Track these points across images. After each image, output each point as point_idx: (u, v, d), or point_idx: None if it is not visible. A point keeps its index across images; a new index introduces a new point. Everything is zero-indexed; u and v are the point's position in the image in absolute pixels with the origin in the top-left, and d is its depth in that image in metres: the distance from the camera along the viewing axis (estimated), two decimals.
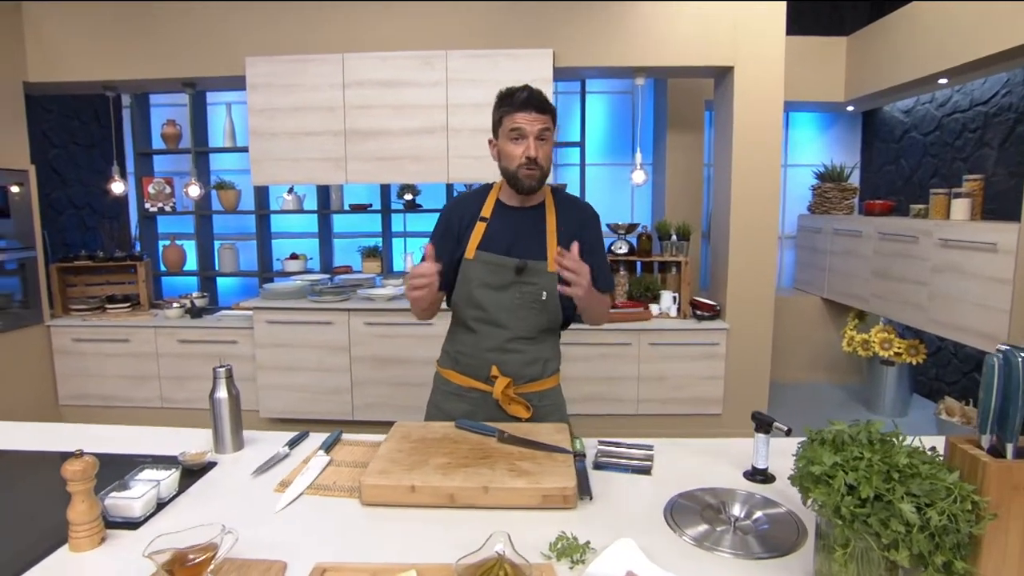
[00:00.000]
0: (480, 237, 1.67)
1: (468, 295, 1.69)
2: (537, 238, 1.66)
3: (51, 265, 4.03)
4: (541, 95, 1.59)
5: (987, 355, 0.81)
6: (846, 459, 0.81)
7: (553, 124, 1.61)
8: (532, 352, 1.70)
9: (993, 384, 0.81)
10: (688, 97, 4.47)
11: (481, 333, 1.69)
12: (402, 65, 3.54)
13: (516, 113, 1.57)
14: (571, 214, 1.71)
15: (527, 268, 1.64)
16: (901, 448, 0.83)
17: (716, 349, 3.67)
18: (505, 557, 0.99)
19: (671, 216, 4.52)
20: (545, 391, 1.75)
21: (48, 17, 3.77)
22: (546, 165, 1.61)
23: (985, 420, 0.82)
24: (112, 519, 1.19)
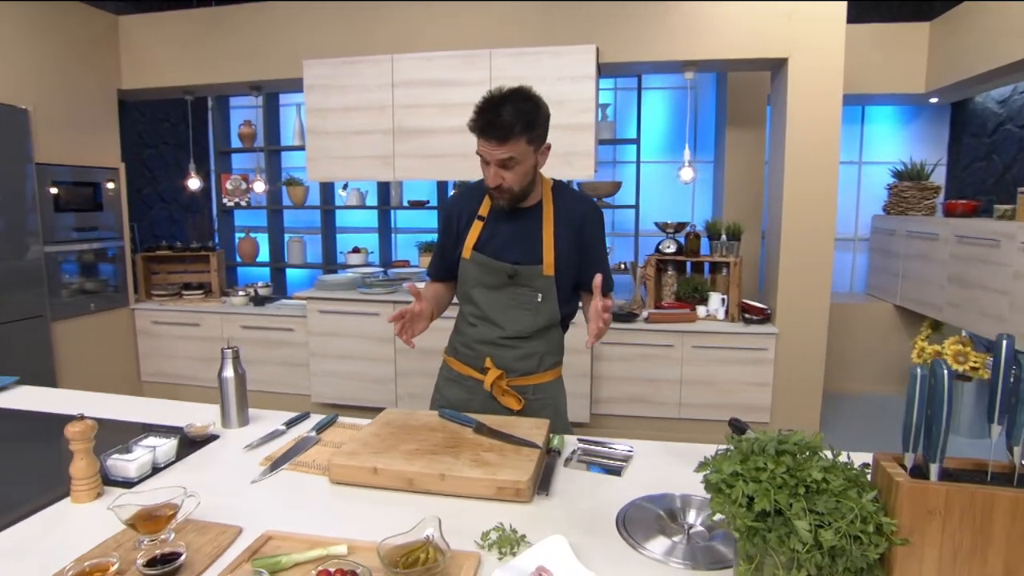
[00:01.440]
0: (476, 237, 1.66)
1: (466, 293, 1.72)
2: (533, 240, 1.63)
3: (137, 254, 4.44)
4: (501, 120, 1.44)
5: (911, 367, 0.75)
6: (748, 469, 0.77)
7: (529, 142, 1.49)
8: (527, 348, 1.69)
9: (915, 398, 0.74)
10: (748, 92, 4.28)
11: (478, 328, 1.71)
12: (447, 65, 3.62)
13: (479, 137, 1.50)
14: (570, 213, 1.65)
15: (519, 274, 1.62)
16: (817, 462, 0.79)
17: (764, 355, 3.50)
18: (432, 541, 1.02)
19: (730, 216, 4.35)
20: (541, 384, 1.73)
21: (139, 29, 4.16)
22: (517, 187, 1.54)
23: (907, 436, 0.76)
24: (113, 478, 1.33)
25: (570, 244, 1.64)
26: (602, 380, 3.73)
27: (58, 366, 3.75)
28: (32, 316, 3.59)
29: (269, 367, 4.19)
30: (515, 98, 1.48)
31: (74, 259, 3.90)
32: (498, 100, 1.47)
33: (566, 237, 1.63)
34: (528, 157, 1.52)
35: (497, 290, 1.66)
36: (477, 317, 1.71)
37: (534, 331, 1.67)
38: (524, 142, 1.48)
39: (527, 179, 1.56)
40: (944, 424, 0.72)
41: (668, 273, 3.95)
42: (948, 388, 0.72)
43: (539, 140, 1.54)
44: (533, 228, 1.63)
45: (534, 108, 1.51)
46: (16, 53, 3.50)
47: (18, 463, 1.48)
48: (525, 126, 1.47)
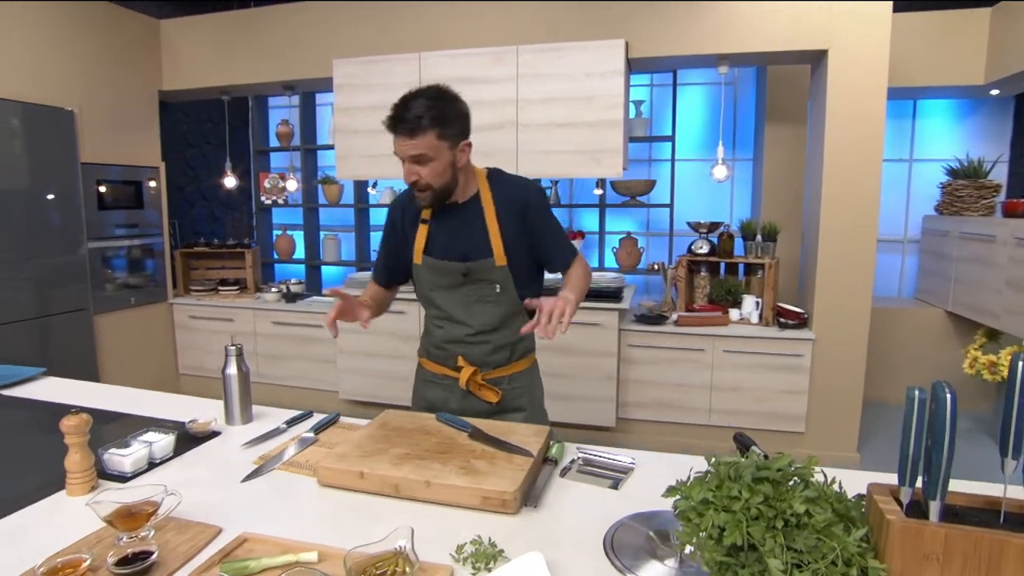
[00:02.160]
0: (424, 240, 1.67)
1: (424, 296, 1.73)
2: (479, 233, 1.63)
3: (176, 250, 4.58)
4: (409, 115, 1.45)
5: (908, 388, 0.66)
6: (720, 497, 0.70)
7: (441, 137, 1.47)
8: (496, 340, 1.69)
9: (912, 425, 0.66)
10: (788, 86, 4.10)
11: (444, 329, 1.72)
12: (474, 62, 3.59)
13: (393, 136, 1.50)
14: (510, 198, 1.64)
15: (472, 270, 1.63)
16: (801, 492, 0.71)
17: (799, 361, 3.34)
18: (402, 552, 0.98)
19: (769, 216, 4.18)
20: (514, 374, 1.74)
21: (179, 31, 4.29)
22: (436, 182, 1.53)
23: (903, 468, 0.67)
24: (109, 472, 1.34)
25: (516, 229, 1.63)
26: (629, 384, 3.63)
27: (99, 357, 3.90)
28: (76, 309, 3.74)
29: (299, 363, 4.26)
30: (427, 94, 1.49)
31: (116, 255, 4.04)
32: (409, 96, 1.48)
33: (511, 223, 1.63)
34: (442, 153, 1.50)
35: (455, 289, 1.67)
36: (441, 318, 1.72)
37: (500, 322, 1.68)
38: (435, 137, 1.47)
39: (444, 176, 1.54)
40: (946, 456, 0.63)
41: (701, 274, 3.82)
42: (951, 414, 0.64)
43: (454, 136, 1.52)
44: (476, 221, 1.63)
45: (445, 103, 1.50)
46: (63, 57, 3.65)
47: (27, 453, 1.52)
48: (434, 120, 1.45)
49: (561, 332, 1.42)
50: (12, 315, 3.42)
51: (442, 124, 1.47)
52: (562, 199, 4.78)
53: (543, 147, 3.58)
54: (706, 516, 0.68)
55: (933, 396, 0.64)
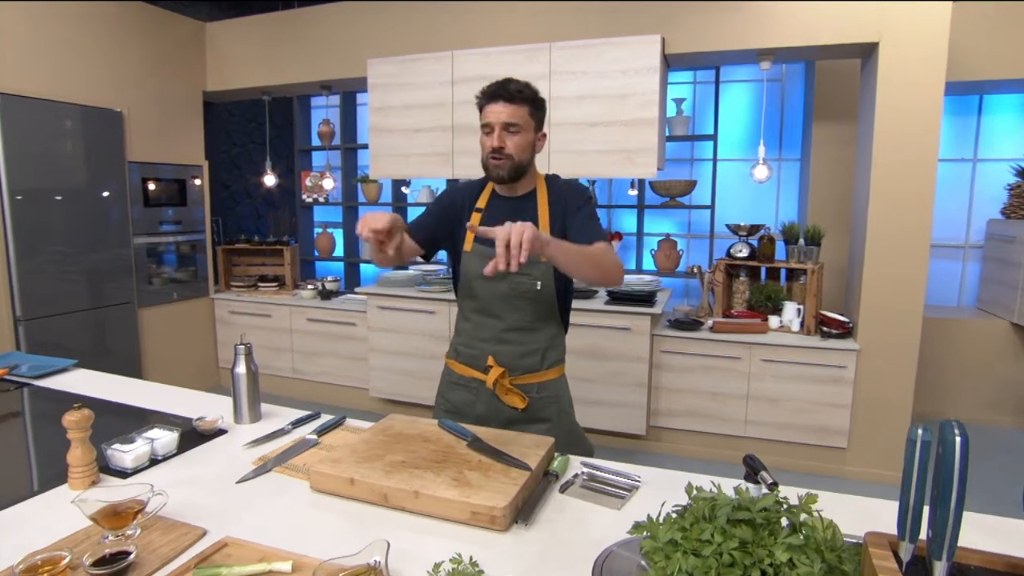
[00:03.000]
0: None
1: (467, 286, 1.73)
2: (531, 223, 1.60)
3: (218, 246, 4.71)
4: (512, 85, 1.58)
5: (910, 428, 0.57)
6: (690, 539, 0.63)
7: (532, 114, 1.60)
8: (529, 343, 1.70)
9: (914, 470, 0.57)
10: (838, 81, 3.88)
11: (477, 323, 1.73)
12: (507, 60, 3.54)
13: (487, 105, 1.60)
14: (561, 195, 1.70)
15: None
16: (786, 537, 0.63)
17: (843, 373, 3.16)
18: (376, 567, 0.94)
19: (816, 218, 3.98)
20: (544, 383, 1.73)
21: (223, 33, 4.41)
22: (517, 155, 1.60)
23: (904, 520, 0.58)
24: (112, 467, 1.36)
25: (562, 224, 1.67)
26: (661, 391, 3.52)
27: (143, 350, 4.05)
28: (122, 303, 3.89)
29: (332, 360, 4.31)
30: (519, 81, 1.61)
31: (160, 251, 4.19)
32: (507, 79, 1.61)
33: (558, 220, 1.67)
34: (528, 130, 1.60)
35: (497, 280, 1.67)
36: (476, 311, 1.73)
37: (534, 322, 1.69)
38: (528, 112, 1.58)
39: (525, 153, 1.62)
40: (952, 511, 0.54)
41: (740, 279, 3.67)
42: (961, 462, 0.54)
43: (539, 121, 1.64)
44: (529, 214, 1.67)
45: (537, 91, 1.63)
46: (114, 61, 3.80)
47: (43, 444, 1.56)
48: (530, 97, 1.59)
49: (521, 261, 1.23)
50: (66, 307, 3.58)
51: (535, 103, 1.60)
52: (600, 199, 4.68)
53: (576, 147, 3.51)
54: (673, 560, 0.61)
55: (941, 437, 0.55)
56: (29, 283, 3.38)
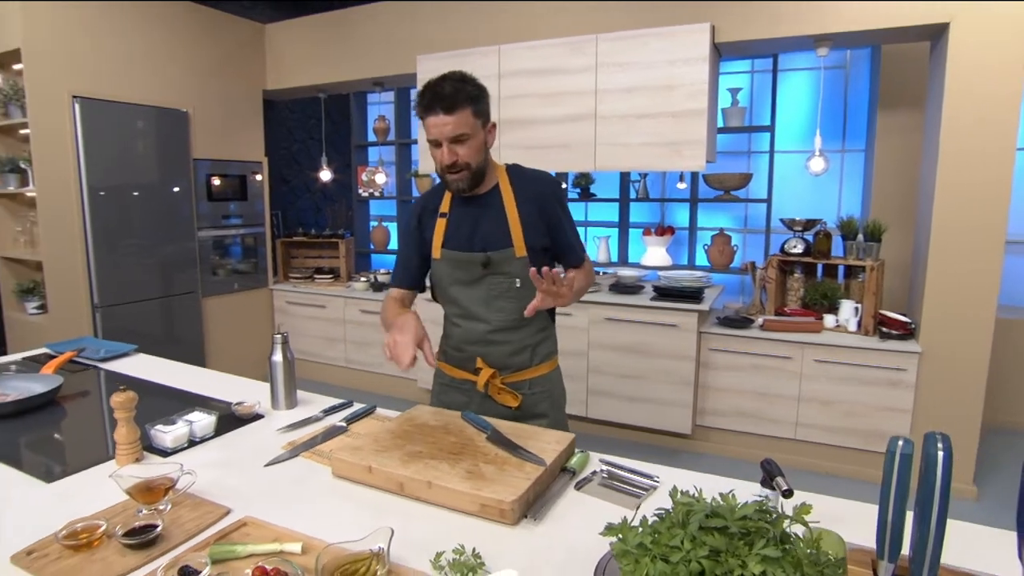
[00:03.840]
0: (443, 234, 1.65)
1: (444, 293, 1.71)
2: (499, 224, 1.61)
3: (278, 240, 4.91)
4: (447, 89, 1.46)
5: (891, 438, 0.54)
6: (659, 545, 0.61)
7: (476, 113, 1.49)
8: (516, 341, 1.66)
9: (892, 485, 0.53)
10: (905, 67, 3.64)
11: (463, 327, 1.69)
12: (552, 53, 3.52)
13: (428, 118, 1.49)
14: (529, 190, 1.63)
15: (491, 261, 1.60)
16: (762, 548, 0.60)
17: (903, 376, 2.98)
18: (378, 554, 0.97)
19: (879, 212, 3.76)
20: (536, 378, 1.71)
21: (281, 34, 4.58)
22: (474, 162, 1.53)
23: (882, 537, 0.55)
24: (155, 446, 1.45)
25: (536, 221, 1.62)
26: (708, 390, 3.42)
27: (206, 337, 4.28)
28: (187, 292, 4.13)
29: (380, 349, 4.41)
30: (453, 76, 1.52)
31: (223, 243, 4.41)
32: (436, 80, 1.51)
33: (530, 215, 1.62)
34: (477, 132, 1.52)
35: (474, 284, 1.64)
36: (460, 316, 1.69)
37: (520, 320, 1.64)
38: (471, 114, 1.49)
39: (480, 156, 1.54)
40: (933, 530, 0.51)
41: (795, 276, 3.52)
42: (943, 477, 0.51)
43: (484, 115, 1.54)
44: (495, 212, 1.62)
45: (472, 82, 1.53)
46: (180, 63, 4.03)
47: (100, 422, 1.68)
48: (468, 96, 1.48)
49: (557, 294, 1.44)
50: (138, 295, 3.84)
51: (474, 101, 1.50)
52: (652, 193, 4.59)
53: (622, 139, 3.45)
54: (641, 564, 0.60)
55: (923, 451, 0.51)
56: (105, 273, 3.64)
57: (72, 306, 3.54)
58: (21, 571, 0.98)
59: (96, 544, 1.03)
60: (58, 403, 1.78)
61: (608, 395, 3.60)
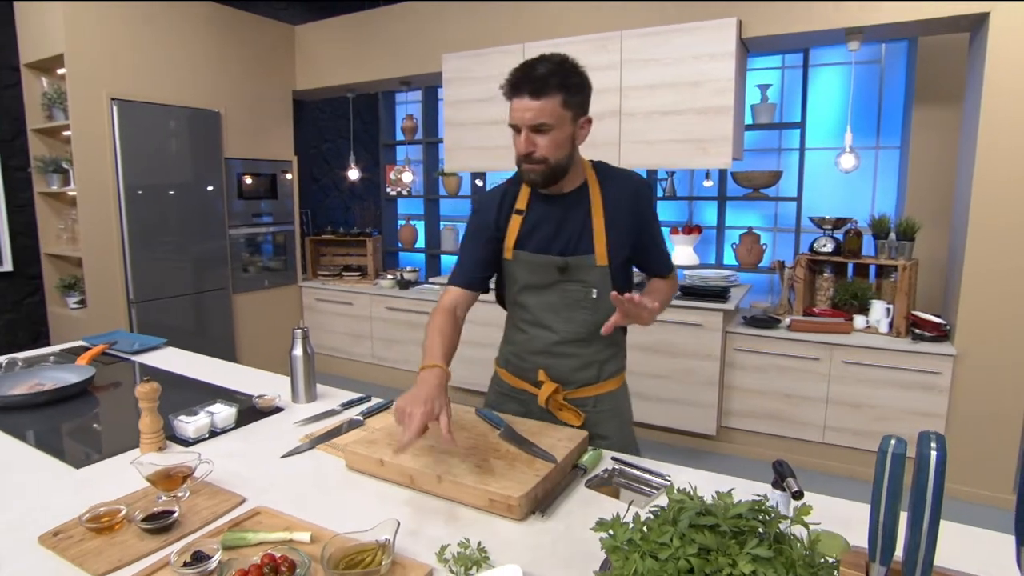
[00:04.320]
0: (516, 234, 1.50)
1: (513, 298, 1.59)
2: (582, 227, 1.47)
3: (307, 237, 5.00)
4: (539, 71, 1.32)
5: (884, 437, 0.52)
6: (649, 542, 0.61)
7: (566, 103, 1.33)
8: (584, 356, 1.53)
9: (884, 485, 0.52)
10: (944, 59, 3.51)
11: (529, 335, 1.57)
12: (577, 50, 3.43)
13: (512, 100, 1.36)
14: (617, 191, 1.48)
15: (569, 266, 1.47)
16: (754, 547, 0.59)
17: (936, 380, 2.89)
18: (384, 545, 0.98)
19: (916, 211, 3.65)
20: (601, 395, 1.58)
21: (311, 35, 4.67)
22: (553, 157, 1.36)
23: (873, 540, 0.53)
24: (178, 436, 1.50)
25: (622, 228, 1.47)
26: (733, 390, 3.37)
27: (236, 332, 4.39)
28: (218, 288, 4.24)
29: (410, 347, 4.46)
30: (553, 59, 1.36)
31: (254, 240, 4.51)
32: (533, 60, 1.37)
33: (618, 221, 1.47)
34: (564, 124, 1.35)
35: (547, 289, 1.51)
36: (528, 322, 1.57)
37: (591, 333, 1.51)
38: (559, 104, 1.32)
39: (562, 152, 1.38)
40: (925, 532, 0.49)
41: (824, 276, 3.44)
42: (936, 478, 0.49)
43: (577, 107, 1.37)
44: (579, 215, 1.47)
45: (572, 69, 1.36)
46: (212, 65, 4.13)
47: (127, 412, 1.74)
48: (561, 83, 1.32)
49: (645, 316, 1.29)
50: (173, 291, 3.96)
51: (568, 90, 1.34)
52: (679, 192, 4.53)
53: (647, 136, 3.42)
54: (630, 560, 0.59)
55: (916, 452, 0.50)
56: (141, 269, 3.76)
57: (109, 301, 3.67)
58: (47, 551, 1.02)
59: (117, 528, 1.07)
60: (91, 393, 1.85)
61: (632, 394, 3.56)
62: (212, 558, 0.95)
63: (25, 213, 3.74)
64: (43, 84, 3.67)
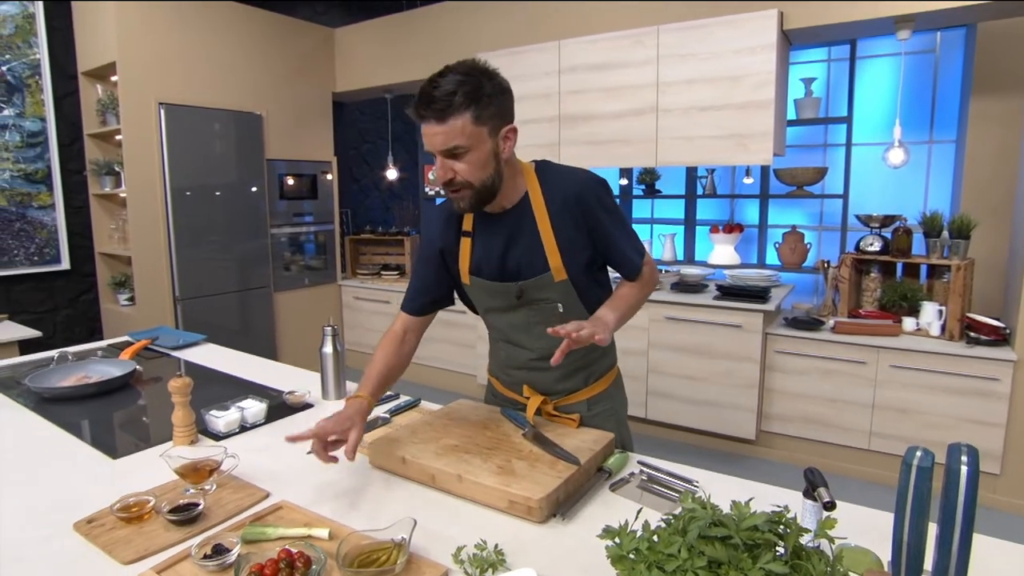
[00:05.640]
0: (469, 258, 1.41)
1: (483, 315, 1.53)
2: (532, 244, 1.35)
3: (346, 237, 5.09)
4: (439, 91, 1.18)
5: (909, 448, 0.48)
6: (656, 552, 0.58)
7: (478, 120, 1.19)
8: (566, 366, 1.44)
9: (908, 499, 0.48)
10: (1006, 47, 3.31)
11: (506, 352, 1.52)
12: (613, 46, 3.45)
13: (421, 124, 1.23)
14: (558, 193, 1.34)
15: (525, 291, 1.38)
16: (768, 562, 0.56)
17: (995, 386, 2.73)
18: (400, 544, 0.98)
19: (973, 208, 3.46)
20: (595, 396, 1.51)
21: (349, 37, 4.74)
22: (476, 180, 1.25)
23: (898, 557, 0.49)
24: (209, 430, 1.53)
25: (574, 232, 1.35)
26: (774, 394, 3.27)
27: (277, 329, 4.49)
28: (260, 287, 4.35)
29: (444, 346, 4.49)
30: (458, 69, 1.21)
31: (294, 240, 4.62)
32: (437, 75, 1.22)
33: (567, 225, 1.34)
34: (481, 142, 1.22)
35: (512, 311, 1.42)
36: (502, 340, 1.53)
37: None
38: (470, 120, 1.19)
39: (486, 171, 1.25)
40: (955, 551, 0.45)
41: (871, 276, 3.30)
42: (967, 494, 0.45)
43: (494, 119, 1.23)
44: (527, 230, 1.35)
45: (480, 78, 1.21)
46: (255, 68, 4.24)
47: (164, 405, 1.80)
48: (468, 97, 1.18)
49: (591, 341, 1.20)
50: (217, 289, 4.08)
51: (478, 103, 1.19)
52: (720, 189, 4.42)
53: (684, 132, 3.34)
54: (636, 571, 0.57)
55: (946, 465, 0.46)
56: (186, 268, 3.89)
57: (157, 298, 3.81)
58: (81, 537, 1.06)
59: (146, 518, 1.10)
60: (133, 386, 1.92)
61: (668, 397, 3.50)
62: (232, 551, 0.96)
63: (81, 214, 3.92)
64: (98, 91, 3.83)
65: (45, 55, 3.66)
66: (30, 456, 1.43)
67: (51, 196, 3.76)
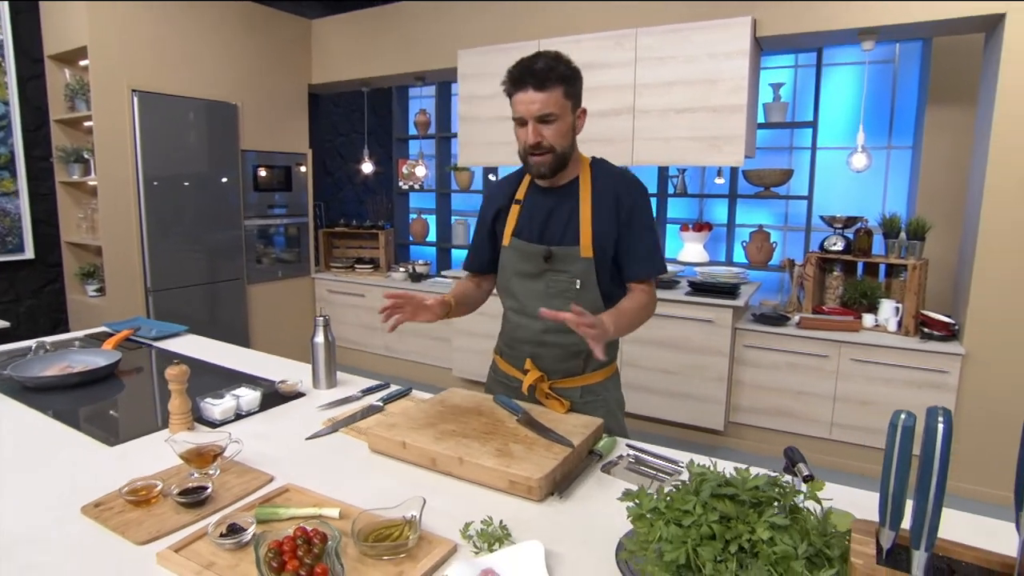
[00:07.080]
0: (514, 222, 1.60)
1: (505, 284, 1.65)
2: (570, 219, 1.53)
3: (320, 230, 5.06)
4: (540, 65, 1.39)
5: (894, 412, 0.56)
6: (672, 510, 0.65)
7: (567, 94, 1.42)
8: (570, 346, 1.56)
9: (894, 456, 0.56)
10: (959, 60, 3.52)
11: (517, 324, 1.63)
12: (593, 47, 3.53)
13: (516, 94, 1.43)
14: (608, 187, 1.53)
15: (554, 256, 1.53)
16: (772, 516, 0.63)
17: (944, 379, 2.91)
18: (410, 521, 1.02)
19: (927, 212, 3.66)
20: (589, 386, 1.62)
21: (326, 29, 4.71)
22: (559, 146, 1.45)
23: (884, 506, 0.57)
24: (204, 418, 1.55)
25: (609, 222, 1.52)
26: (743, 386, 3.40)
27: (250, 322, 4.45)
28: (233, 278, 4.30)
29: (420, 339, 4.52)
30: (549, 54, 1.44)
31: (268, 232, 4.57)
32: (529, 57, 1.44)
33: (605, 214, 1.51)
34: (566, 114, 1.44)
35: (534, 278, 1.58)
36: (516, 311, 1.64)
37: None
38: (561, 94, 1.42)
39: (567, 140, 1.47)
40: (931, 500, 0.53)
41: (834, 274, 3.46)
42: (942, 449, 0.53)
43: (576, 98, 1.47)
44: (571, 206, 1.54)
45: (566, 63, 1.45)
46: (230, 58, 4.19)
47: (155, 394, 1.80)
48: (561, 75, 1.41)
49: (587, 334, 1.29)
50: (188, 280, 4.02)
51: (567, 81, 1.43)
52: (691, 188, 4.56)
53: (660, 133, 3.44)
54: (655, 527, 0.64)
55: (925, 425, 0.54)
56: (158, 258, 3.83)
57: (127, 289, 3.74)
58: (90, 520, 1.08)
59: (154, 501, 1.12)
60: (116, 376, 1.91)
61: (642, 389, 3.60)
62: (247, 530, 0.99)
63: (47, 202, 3.81)
64: (66, 76, 3.73)
65: (9, 36, 3.55)
66: (23, 444, 1.42)
67: (14, 183, 3.65)
